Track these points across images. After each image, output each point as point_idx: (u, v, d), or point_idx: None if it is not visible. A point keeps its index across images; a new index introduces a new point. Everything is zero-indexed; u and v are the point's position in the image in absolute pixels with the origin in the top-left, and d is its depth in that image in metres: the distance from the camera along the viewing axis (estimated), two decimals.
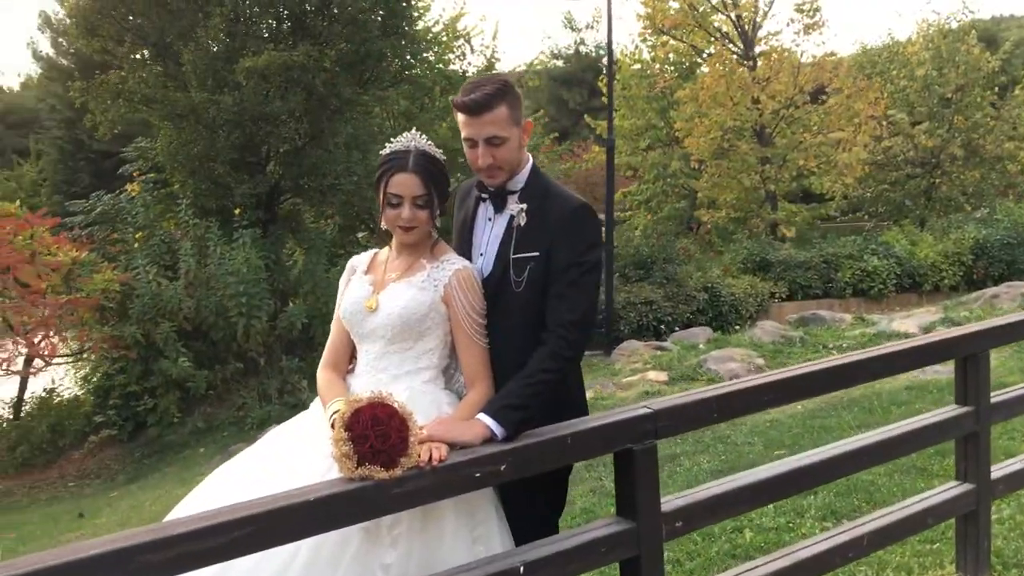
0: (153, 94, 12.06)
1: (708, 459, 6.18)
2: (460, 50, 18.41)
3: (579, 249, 2.53)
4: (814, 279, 16.21)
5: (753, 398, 2.74)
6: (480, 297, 2.59)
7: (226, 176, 12.14)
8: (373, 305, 2.57)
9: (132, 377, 11.09)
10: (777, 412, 7.42)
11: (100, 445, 11.77)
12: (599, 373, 10.38)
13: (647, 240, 16.11)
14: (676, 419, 2.60)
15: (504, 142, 2.56)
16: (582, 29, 49.39)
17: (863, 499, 4.80)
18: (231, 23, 11.41)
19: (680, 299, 14.47)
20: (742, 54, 19.34)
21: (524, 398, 2.39)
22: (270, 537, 1.97)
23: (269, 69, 11.00)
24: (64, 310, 10.83)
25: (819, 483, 3.55)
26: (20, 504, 10.01)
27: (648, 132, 22.12)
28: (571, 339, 2.47)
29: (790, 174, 19.10)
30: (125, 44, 12.68)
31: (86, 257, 11.56)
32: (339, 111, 12.41)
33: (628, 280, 14.98)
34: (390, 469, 2.11)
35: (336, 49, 12.67)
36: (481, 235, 2.71)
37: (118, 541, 1.81)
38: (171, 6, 12.32)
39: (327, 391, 2.61)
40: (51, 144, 34.50)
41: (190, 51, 11.38)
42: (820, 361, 2.94)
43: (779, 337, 10.65)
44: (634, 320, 14.02)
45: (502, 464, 2.29)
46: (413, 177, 2.53)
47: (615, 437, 2.50)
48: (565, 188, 2.70)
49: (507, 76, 2.71)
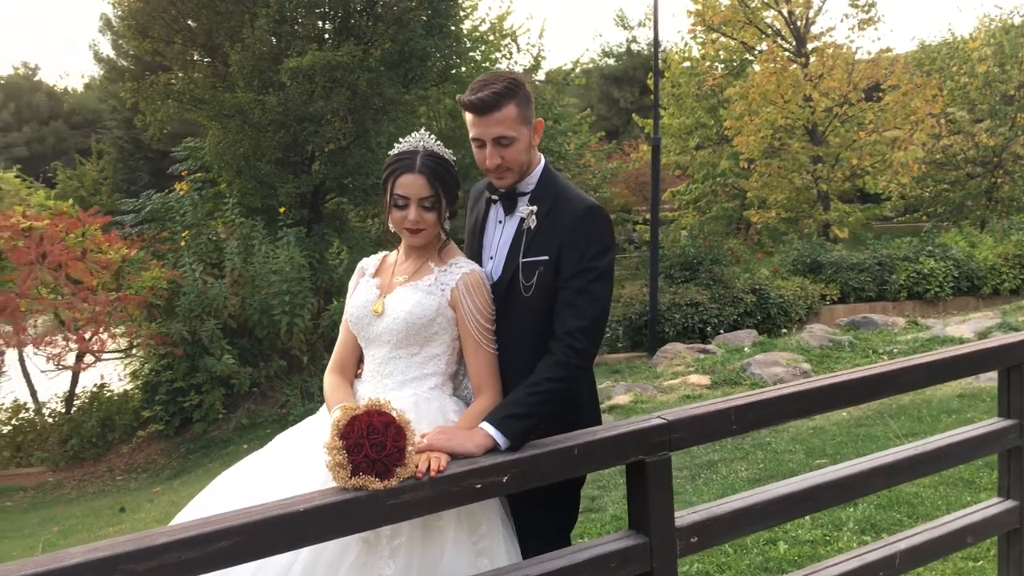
0: (202, 94, 12.22)
1: (746, 467, 6.02)
2: (507, 49, 18.35)
3: (589, 254, 2.43)
4: (867, 281, 15.76)
5: (775, 410, 2.62)
6: (488, 302, 2.51)
7: (271, 175, 12.25)
8: (379, 309, 2.52)
9: (179, 373, 11.25)
10: (821, 419, 7.23)
11: (148, 440, 11.98)
12: (640, 376, 10.24)
13: (693, 240, 15.83)
14: (691, 431, 2.49)
15: (512, 142, 2.48)
16: (634, 27, 48.93)
17: (905, 512, 4.62)
18: (276, 24, 11.50)
19: (727, 301, 14.19)
20: (794, 51, 18.94)
21: (529, 407, 2.30)
22: (257, 548, 1.91)
23: (313, 69, 11.07)
24: (113, 307, 11.04)
25: (849, 499, 3.40)
26: (69, 497, 10.22)
27: (697, 131, 21.81)
28: (579, 347, 2.38)
29: (843, 173, 18.65)
30: (175, 45, 12.87)
31: (136, 255, 11.77)
32: (383, 110, 12.43)
33: (674, 281, 14.75)
34: (385, 479, 2.04)
35: (381, 49, 12.72)
36: (491, 238, 2.63)
37: (101, 550, 1.76)
38: (219, 7, 12.48)
39: (332, 396, 2.56)
40: (112, 144, 35.37)
41: (237, 52, 11.50)
42: (848, 371, 2.80)
43: (827, 341, 10.38)
44: (679, 322, 13.79)
45: (504, 475, 2.20)
46: (420, 178, 2.47)
47: (626, 449, 2.39)
48: (577, 189, 2.60)
49: (517, 74, 2.63)
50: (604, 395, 9.05)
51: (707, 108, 21.39)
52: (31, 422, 12.46)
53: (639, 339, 14.28)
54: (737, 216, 21.46)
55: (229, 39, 11.88)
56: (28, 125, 55.44)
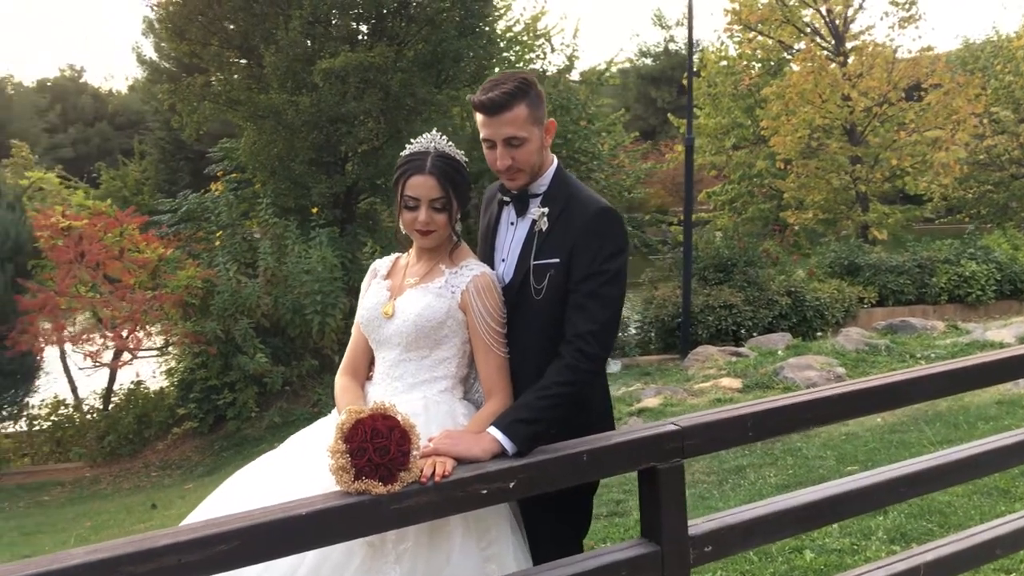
0: (237, 95, 12.35)
1: (775, 473, 5.93)
2: (540, 49, 18.29)
3: (601, 256, 2.39)
4: (907, 284, 15.47)
5: (793, 417, 2.56)
6: (499, 304, 2.48)
7: (304, 176, 12.34)
8: (389, 311, 2.50)
9: (213, 371, 11.37)
10: (855, 424, 7.10)
11: (182, 436, 12.13)
12: (672, 378, 10.14)
13: (728, 242, 15.65)
14: (705, 437, 2.44)
15: (524, 143, 2.45)
16: (672, 26, 48.55)
17: (936, 522, 4.50)
18: (310, 25, 11.58)
19: (761, 303, 14.02)
20: (832, 50, 18.65)
21: (537, 412, 2.27)
22: (257, 552, 1.90)
23: (346, 70, 11.13)
24: (149, 305, 11.19)
25: (869, 509, 3.31)
26: (104, 492, 10.38)
27: (734, 131, 21.57)
28: (589, 352, 2.34)
29: (882, 174, 18.33)
30: (212, 47, 13.02)
31: (172, 254, 11.93)
32: (415, 111, 12.46)
33: (707, 283, 14.60)
34: (388, 484, 2.02)
35: (414, 49, 12.75)
36: (503, 240, 2.60)
37: (101, 551, 1.76)
38: (255, 9, 12.60)
39: (341, 398, 2.55)
40: (154, 144, 35.96)
41: (271, 53, 11.60)
42: (870, 378, 2.72)
43: (863, 345, 10.19)
44: (712, 324, 13.65)
45: (511, 481, 2.17)
46: (430, 179, 2.45)
47: (637, 455, 2.35)
48: (591, 191, 2.56)
49: (529, 73, 2.59)
50: (634, 398, 8.98)
51: (744, 108, 21.15)
52: (70, 418, 12.68)
53: (672, 341, 14.15)
54: (773, 217, 21.19)
55: (264, 41, 11.98)
56: (74, 126, 56.53)
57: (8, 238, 10.74)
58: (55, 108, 56.32)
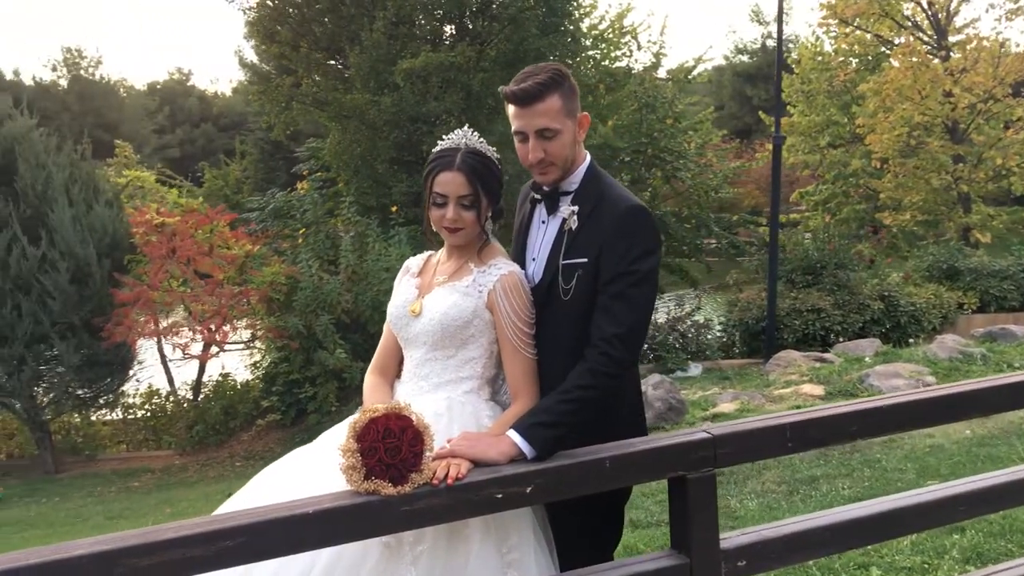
0: (324, 96, 12.60)
1: (850, 484, 5.68)
2: (627, 47, 18.07)
3: (630, 257, 2.30)
4: (1011, 290, 14.68)
5: (836, 428, 2.41)
6: (527, 305, 2.42)
7: (386, 175, 12.51)
8: (417, 309, 2.47)
9: (295, 366, 11.63)
10: (941, 436, 6.76)
11: (266, 428, 12.46)
12: (751, 383, 9.87)
13: (817, 243, 15.15)
14: (740, 447, 2.32)
15: (556, 135, 2.38)
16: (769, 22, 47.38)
17: (1017, 542, 4.22)
18: (393, 26, 11.72)
19: (852, 307, 13.50)
20: (934, 44, 17.84)
21: (558, 416, 2.20)
22: (262, 548, 1.89)
23: (427, 70, 11.22)
24: (236, 300, 11.52)
25: (923, 528, 3.12)
26: (190, 480, 10.74)
27: (828, 129, 20.88)
28: (614, 355, 2.25)
29: (986, 174, 17.43)
30: (301, 49, 13.34)
31: (258, 251, 12.26)
32: (496, 110, 12.47)
33: (795, 286, 14.16)
34: (399, 485, 1.99)
35: (496, 49, 12.77)
36: (535, 239, 2.54)
37: (105, 543, 1.78)
38: (342, 12, 12.85)
39: (369, 396, 2.54)
40: (254, 144, 37.15)
41: (355, 54, 11.80)
42: (928, 389, 2.55)
43: (957, 353, 9.70)
44: (799, 328, 13.23)
45: (528, 486, 2.11)
46: (459, 176, 2.40)
47: (664, 463, 2.26)
48: (623, 189, 2.47)
49: (562, 65, 2.52)
50: (709, 402, 8.77)
51: (839, 105, 20.44)
52: (162, 407, 13.18)
53: (756, 345, 13.79)
54: (869, 219, 20.42)
55: (349, 42, 12.20)
56: (181, 127, 58.69)
57: (106, 234, 11.22)
58: (164, 110, 58.63)
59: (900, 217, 18.12)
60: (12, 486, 11.08)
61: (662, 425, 7.87)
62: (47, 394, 11.58)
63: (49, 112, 54.29)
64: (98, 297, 10.92)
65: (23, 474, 11.79)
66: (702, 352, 13.65)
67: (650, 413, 8.00)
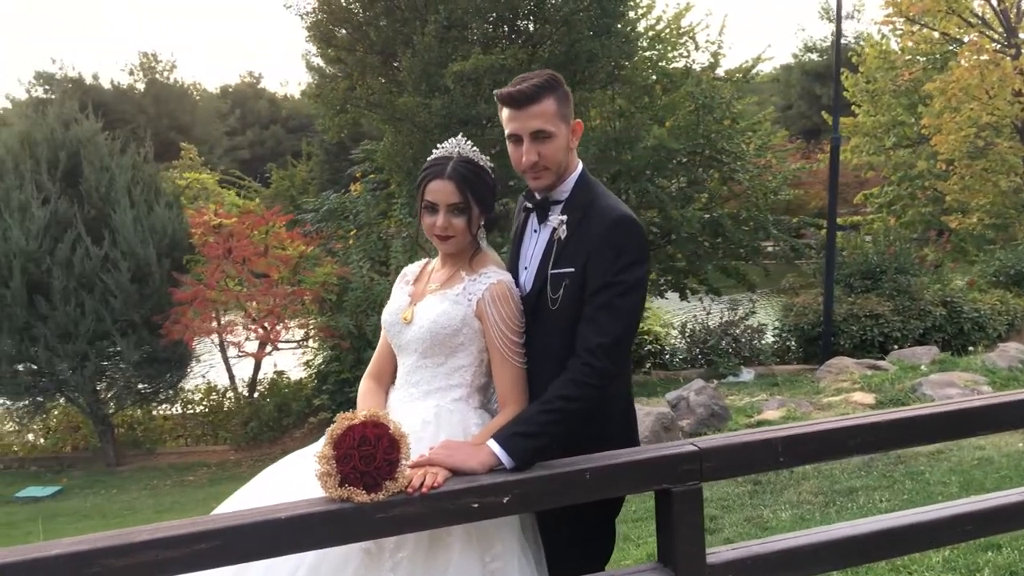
0: (377, 99, 12.77)
1: (889, 497, 5.53)
2: (684, 47, 17.84)
3: (616, 267, 2.29)
4: None
5: (833, 442, 2.36)
6: (516, 314, 2.42)
7: None
8: (408, 316, 2.50)
9: (345, 365, 11.78)
10: (991, 448, 6.53)
11: (318, 426, 12.65)
12: (800, 390, 9.67)
13: (877, 246, 14.77)
14: (727, 461, 2.29)
15: (551, 138, 2.39)
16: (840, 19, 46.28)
17: None
18: (444, 29, 11.81)
19: (912, 313, 13.14)
20: (1003, 41, 17.21)
21: (539, 426, 2.19)
22: (236, 552, 1.93)
23: (477, 72, 11.28)
24: (290, 299, 11.74)
25: (929, 547, 3.02)
26: (243, 475, 10.97)
27: (894, 129, 20.31)
28: (597, 366, 2.24)
29: None
30: (356, 52, 13.53)
31: (312, 251, 12.47)
32: None
33: (853, 290, 13.84)
34: (372, 492, 2.01)
35: (547, 51, 12.78)
36: (527, 248, 2.55)
37: (81, 543, 1.84)
38: (397, 15, 13.01)
39: (362, 402, 2.57)
40: (319, 146, 37.80)
41: (407, 57, 11.93)
42: (940, 404, 2.48)
43: (1018, 362, 9.35)
44: (856, 334, 12.93)
45: (505, 496, 2.11)
46: (449, 184, 2.43)
47: (647, 476, 2.24)
48: (614, 199, 2.45)
49: (555, 72, 2.52)
50: (754, 409, 8.62)
51: (905, 105, 19.87)
52: (219, 404, 13.52)
53: (812, 351, 13.51)
54: (935, 222, 19.81)
55: (402, 46, 12.35)
56: (251, 129, 59.85)
57: (166, 235, 11.55)
58: (235, 113, 59.90)
59: (967, 220, 17.53)
60: (75, 477, 11.49)
61: (703, 431, 7.77)
62: (109, 389, 11.97)
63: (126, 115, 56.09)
64: (157, 296, 11.25)
65: (86, 466, 12.21)
66: (755, 357, 13.45)
67: (691, 419, 7.92)
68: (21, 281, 10.63)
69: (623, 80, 14.39)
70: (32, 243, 10.67)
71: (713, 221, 17.41)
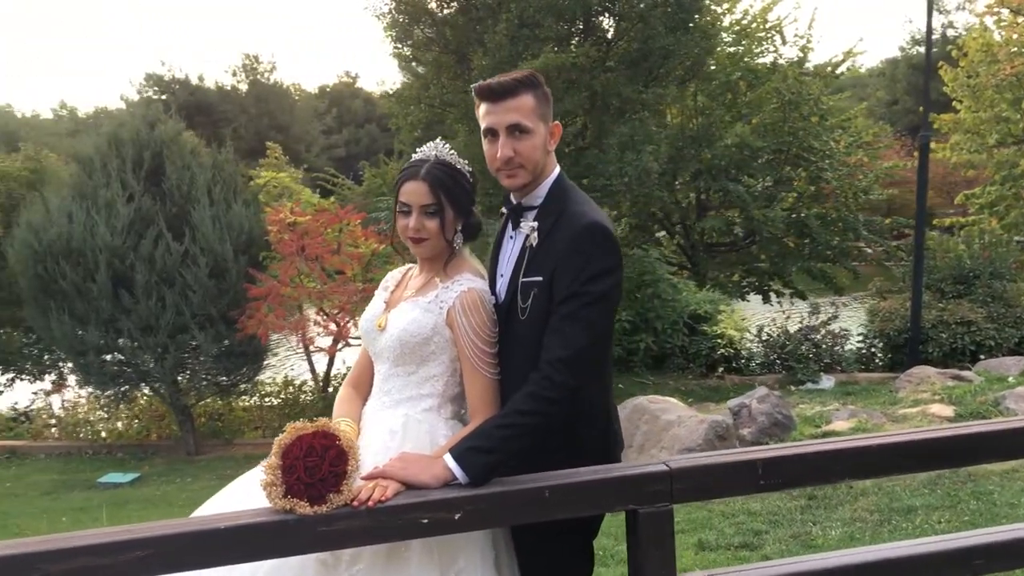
0: (451, 98, 12.82)
1: (949, 518, 5.21)
2: (770, 42, 17.34)
3: (582, 277, 2.18)
4: None
5: (816, 467, 2.20)
6: (486, 323, 2.34)
7: None
8: (382, 323, 2.45)
9: None
10: None
11: None
12: (875, 400, 9.24)
13: (971, 250, 14.02)
14: (701, 482, 2.16)
15: (527, 134, 2.31)
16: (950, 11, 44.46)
17: None
18: (516, 28, 11.76)
19: (1007, 321, 12.43)
20: None
21: (494, 441, 2.11)
22: (172, 562, 1.90)
23: (547, 71, 11.18)
24: (361, 296, 11.88)
25: None
26: None
27: (997, 126, 19.24)
28: (556, 380, 2.14)
29: None
30: (432, 52, 13.63)
31: (383, 249, 12.60)
32: (622, 111, 12.29)
33: (944, 296, 13.18)
34: (316, 505, 1.96)
35: (622, 48, 12.60)
36: (504, 255, 2.47)
37: (19, 547, 1.85)
38: (472, 14, 13.03)
39: (337, 409, 2.55)
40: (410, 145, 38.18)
41: (479, 56, 11.94)
42: (937, 428, 2.29)
43: None
44: (945, 342, 12.31)
45: (456, 512, 2.04)
46: (422, 185, 2.38)
47: (612, 495, 2.13)
48: (588, 205, 2.35)
49: (536, 71, 2.44)
50: (823, 419, 8.27)
51: (1009, 100, 18.80)
52: (296, 397, 13.81)
53: (899, 358, 12.93)
54: None
55: (475, 45, 12.36)
56: (347, 128, 61.06)
57: (243, 232, 11.86)
58: (332, 112, 61.29)
59: None
60: (156, 465, 11.93)
61: (764, 440, 7.50)
62: (190, 381, 12.37)
63: (228, 114, 58.12)
64: (234, 291, 11.55)
65: (168, 454, 12.66)
66: (837, 364, 12.94)
67: (752, 428, 7.65)
68: (107, 275, 11.09)
69: (702, 77, 14.07)
70: (117, 239, 11.11)
71: (799, 221, 16.87)
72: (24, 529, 8.00)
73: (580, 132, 12.97)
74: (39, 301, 11.57)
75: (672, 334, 13.01)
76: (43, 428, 13.72)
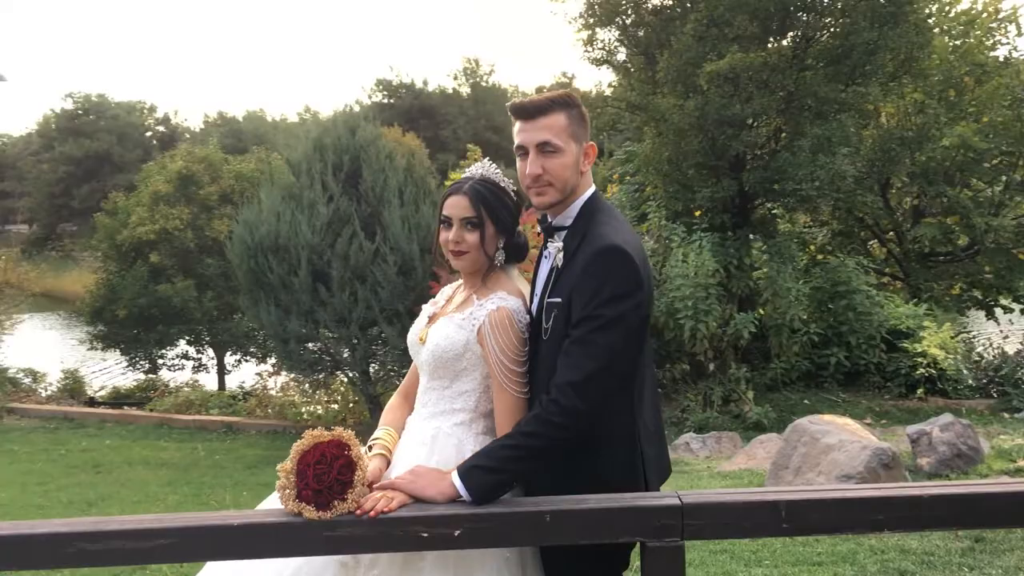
0: (638, 100, 12.71)
1: None
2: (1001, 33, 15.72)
3: (596, 300, 2.14)
4: None
5: (849, 513, 2.03)
6: (514, 342, 2.34)
7: (692, 179, 12.30)
8: (423, 337, 2.52)
9: None
10: None
11: None
12: None
13: None
14: (716, 520, 2.05)
15: (557, 152, 2.30)
16: None
17: None
18: (704, 28, 11.46)
19: None
20: None
21: (498, 461, 2.12)
22: (190, 551, 2.07)
23: (734, 71, 10.82)
24: None
25: None
26: None
27: None
28: (563, 404, 2.11)
29: None
30: (622, 51, 13.58)
31: None
32: (820, 112, 11.64)
33: None
34: (322, 511, 2.07)
35: (820, 45, 11.95)
36: (540, 274, 2.46)
37: (62, 526, 2.08)
38: (664, 15, 12.85)
39: (384, 417, 2.64)
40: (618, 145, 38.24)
41: (664, 57, 11.75)
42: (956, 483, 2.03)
43: None
44: None
45: (456, 529, 2.07)
46: (463, 199, 2.44)
47: (616, 526, 2.08)
48: (615, 226, 2.28)
49: (575, 92, 2.42)
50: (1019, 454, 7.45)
51: None
52: None
53: None
54: None
55: (662, 46, 12.20)
56: None
57: (429, 232, 12.40)
58: None
59: None
60: None
61: (945, 473, 6.88)
62: (379, 371, 13.12)
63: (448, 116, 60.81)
64: (419, 288, 12.10)
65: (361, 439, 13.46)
66: None
67: (932, 458, 7.04)
68: (307, 270, 11.99)
69: (914, 73, 13.01)
70: (317, 237, 11.98)
71: None
72: (209, 500, 8.82)
73: (773, 135, 12.42)
74: (252, 292, 12.70)
75: (867, 349, 12.20)
76: (255, 407, 15.02)
